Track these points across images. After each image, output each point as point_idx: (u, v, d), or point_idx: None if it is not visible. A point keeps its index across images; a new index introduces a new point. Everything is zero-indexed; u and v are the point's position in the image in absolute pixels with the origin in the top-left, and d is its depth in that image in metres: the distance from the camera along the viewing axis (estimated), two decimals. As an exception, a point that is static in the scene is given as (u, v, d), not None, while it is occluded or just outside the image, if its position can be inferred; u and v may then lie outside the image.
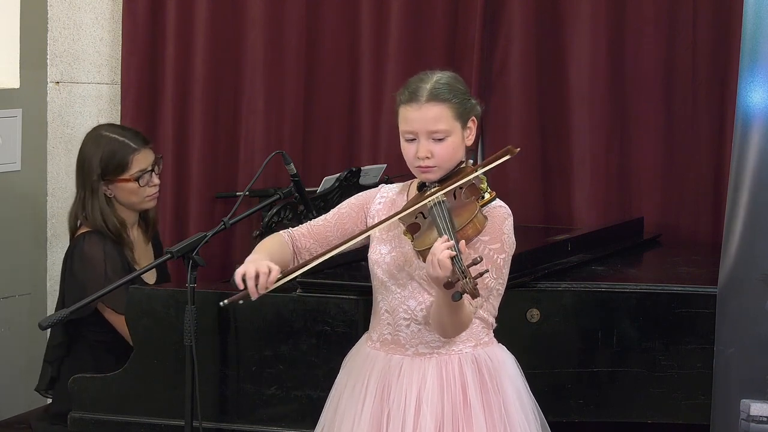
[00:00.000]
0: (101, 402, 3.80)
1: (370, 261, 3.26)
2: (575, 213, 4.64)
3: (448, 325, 3.10)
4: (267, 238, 3.35)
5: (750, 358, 3.66)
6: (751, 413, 3.67)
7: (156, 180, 4.21)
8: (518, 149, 3.15)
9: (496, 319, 3.26)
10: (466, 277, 2.90)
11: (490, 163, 3.14)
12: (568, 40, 4.62)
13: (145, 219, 4.29)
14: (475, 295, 2.91)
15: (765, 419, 3.66)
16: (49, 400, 4.54)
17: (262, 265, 3.11)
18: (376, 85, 4.74)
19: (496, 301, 3.21)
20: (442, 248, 2.93)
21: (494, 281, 3.15)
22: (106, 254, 4.09)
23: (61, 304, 4.20)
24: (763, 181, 3.64)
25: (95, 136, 4.23)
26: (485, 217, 3.10)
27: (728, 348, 3.69)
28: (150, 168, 4.19)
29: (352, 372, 3.27)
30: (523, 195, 4.59)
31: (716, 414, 3.73)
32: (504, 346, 3.28)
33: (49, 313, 4.85)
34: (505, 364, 3.24)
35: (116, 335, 4.07)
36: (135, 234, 4.26)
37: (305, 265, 3.18)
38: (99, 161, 4.15)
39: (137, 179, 4.16)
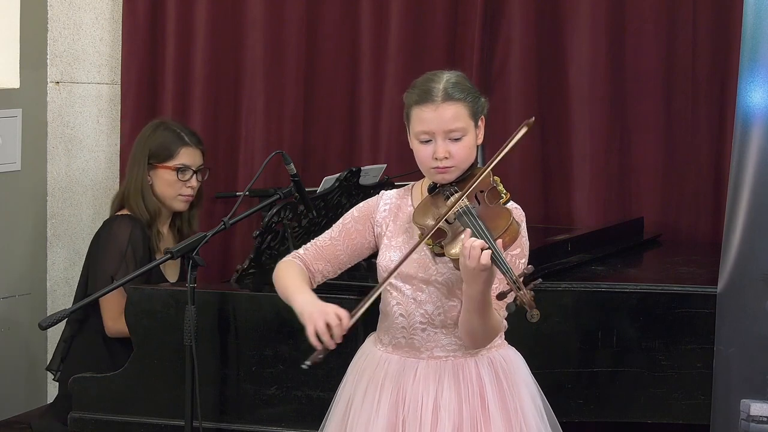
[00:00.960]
0: (101, 402, 3.80)
1: (379, 267, 3.20)
2: (575, 213, 4.65)
3: (480, 335, 3.07)
4: (283, 267, 3.23)
5: (750, 358, 3.66)
6: (751, 413, 3.67)
7: (195, 182, 4.28)
8: (533, 118, 3.10)
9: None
10: (521, 290, 2.85)
11: (512, 140, 3.08)
12: (568, 40, 4.62)
13: (180, 230, 4.32)
14: (532, 306, 2.85)
15: (765, 419, 3.66)
16: (49, 400, 4.54)
17: (331, 316, 3.03)
18: (376, 85, 4.74)
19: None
20: (478, 244, 2.90)
21: None
22: (131, 238, 4.16)
23: (84, 278, 4.25)
24: (764, 181, 3.64)
25: (156, 123, 4.36)
26: (519, 224, 3.06)
27: (728, 348, 3.69)
28: (194, 168, 4.26)
29: (363, 376, 3.21)
30: (523, 195, 4.58)
31: (716, 414, 3.72)
32: (514, 348, 3.26)
33: (49, 313, 4.85)
34: (518, 366, 3.21)
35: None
36: (165, 231, 4.29)
37: (369, 298, 3.08)
38: (151, 144, 4.26)
39: (178, 171, 4.22)
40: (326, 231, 3.29)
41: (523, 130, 3.07)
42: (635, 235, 4.48)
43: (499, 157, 3.08)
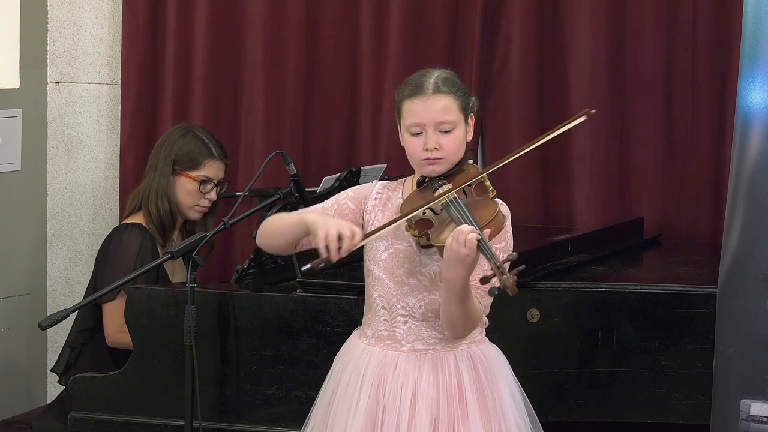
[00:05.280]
0: (101, 402, 3.81)
1: (366, 257, 3.25)
2: (575, 213, 4.65)
3: (459, 323, 3.11)
4: (275, 215, 3.27)
5: (750, 358, 3.66)
6: (751, 413, 3.66)
7: (213, 195, 4.26)
8: (594, 110, 3.17)
9: (488, 317, 3.26)
10: (503, 274, 2.90)
11: (567, 125, 3.15)
12: (568, 40, 4.62)
13: (190, 234, 4.30)
14: (514, 291, 2.91)
15: (765, 419, 3.66)
16: (49, 400, 4.54)
17: (345, 227, 3.02)
18: (376, 85, 4.74)
19: (490, 300, 3.21)
20: (468, 229, 2.95)
21: None
22: (141, 248, 4.14)
23: (93, 283, 4.24)
24: (763, 181, 3.64)
25: (186, 127, 4.33)
26: (504, 216, 3.12)
27: (728, 348, 3.69)
28: (215, 181, 4.24)
29: (346, 368, 3.26)
30: (523, 195, 4.59)
31: (716, 414, 3.73)
32: (495, 345, 3.29)
33: (49, 313, 4.85)
34: (498, 361, 3.25)
35: None
36: (176, 237, 4.28)
37: (385, 226, 3.10)
38: (178, 148, 4.23)
39: (201, 182, 4.20)
40: (318, 204, 3.30)
41: (582, 119, 3.13)
42: (635, 235, 4.48)
43: (546, 139, 3.17)
